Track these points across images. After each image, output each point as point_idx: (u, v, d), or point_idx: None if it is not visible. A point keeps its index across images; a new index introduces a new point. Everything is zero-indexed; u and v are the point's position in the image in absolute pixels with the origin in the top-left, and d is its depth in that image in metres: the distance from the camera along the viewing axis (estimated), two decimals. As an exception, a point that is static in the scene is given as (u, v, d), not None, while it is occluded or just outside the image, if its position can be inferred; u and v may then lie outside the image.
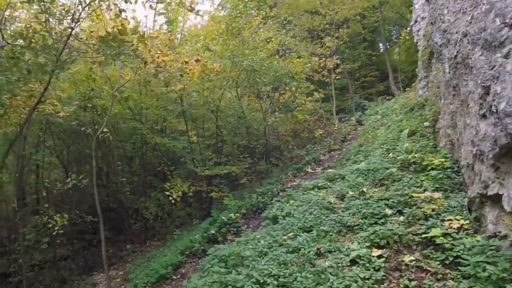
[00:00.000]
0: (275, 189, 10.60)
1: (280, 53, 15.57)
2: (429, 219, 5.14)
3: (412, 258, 4.46)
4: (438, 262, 4.30)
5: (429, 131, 8.92)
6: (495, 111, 4.06)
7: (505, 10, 4.19)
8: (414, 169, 7.13)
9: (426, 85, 14.73)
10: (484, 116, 4.68)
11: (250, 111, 13.79)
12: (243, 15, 11.91)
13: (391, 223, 5.41)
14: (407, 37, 32.25)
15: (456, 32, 6.19)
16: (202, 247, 8.60)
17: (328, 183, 8.54)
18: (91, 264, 11.61)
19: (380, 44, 35.09)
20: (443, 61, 7.50)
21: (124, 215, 12.29)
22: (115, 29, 6.29)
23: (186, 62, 8.59)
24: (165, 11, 11.43)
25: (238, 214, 9.38)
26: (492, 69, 4.35)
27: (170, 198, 10.92)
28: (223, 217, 9.26)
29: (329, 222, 6.16)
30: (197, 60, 8.70)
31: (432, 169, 6.68)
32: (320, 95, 17.92)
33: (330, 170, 9.83)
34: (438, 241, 4.48)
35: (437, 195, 5.57)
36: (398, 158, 7.78)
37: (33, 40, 6.23)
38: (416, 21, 17.80)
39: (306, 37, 21.43)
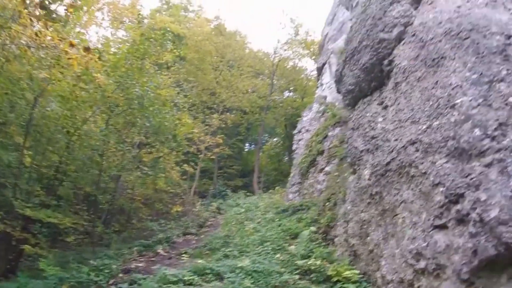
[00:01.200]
0: (114, 266, 8.44)
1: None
2: None
3: None
4: None
5: (319, 237, 8.74)
6: (478, 220, 3.83)
7: (486, 123, 4.31)
8: (316, 279, 6.53)
9: (299, 191, 15.55)
10: (442, 227, 4.46)
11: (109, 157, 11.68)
12: (157, 42, 10.76)
13: None
14: (273, 146, 35.97)
15: (396, 140, 6.36)
16: None
17: (197, 279, 7.04)
18: None
19: (247, 144, 37.88)
20: (361, 167, 7.65)
21: None
22: None
23: (72, 45, 6.60)
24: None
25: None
26: (466, 177, 4.26)
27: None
28: (32, 290, 6.39)
29: None
30: (86, 49, 6.83)
31: (339, 281, 6.14)
32: (189, 168, 17.02)
33: (199, 261, 8.47)
34: None
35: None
36: (294, 262, 7.17)
37: None
38: (300, 131, 19.50)
39: (197, 104, 21.30)
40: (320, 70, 19.42)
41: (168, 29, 11.77)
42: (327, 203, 9.75)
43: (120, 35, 13.86)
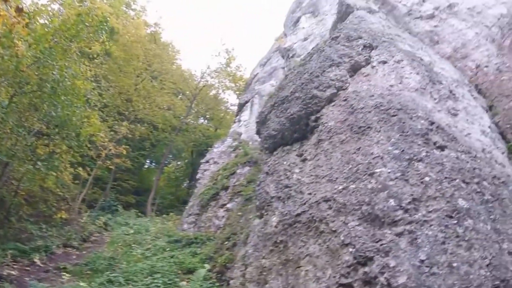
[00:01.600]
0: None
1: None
2: None
3: None
4: None
5: (213, 276, 8.48)
6: (385, 284, 4.07)
7: (402, 196, 4.71)
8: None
9: (195, 222, 15.14)
10: (347, 286, 4.65)
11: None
12: (92, 28, 9.85)
13: None
14: (175, 169, 34.96)
15: (310, 194, 6.56)
16: None
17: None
18: None
19: (148, 161, 36.28)
20: (270, 213, 7.66)
21: None
22: None
23: (5, 0, 5.61)
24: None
25: None
26: (376, 242, 4.53)
27: None
28: None
29: None
30: (19, 10, 5.89)
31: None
32: (83, 173, 15.56)
33: (81, 284, 7.64)
34: None
35: None
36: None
37: None
38: (207, 162, 19.32)
39: (110, 106, 19.92)
40: (241, 106, 19.81)
41: (108, 18, 10.94)
42: (226, 242, 9.53)
43: (55, 7, 12.55)
